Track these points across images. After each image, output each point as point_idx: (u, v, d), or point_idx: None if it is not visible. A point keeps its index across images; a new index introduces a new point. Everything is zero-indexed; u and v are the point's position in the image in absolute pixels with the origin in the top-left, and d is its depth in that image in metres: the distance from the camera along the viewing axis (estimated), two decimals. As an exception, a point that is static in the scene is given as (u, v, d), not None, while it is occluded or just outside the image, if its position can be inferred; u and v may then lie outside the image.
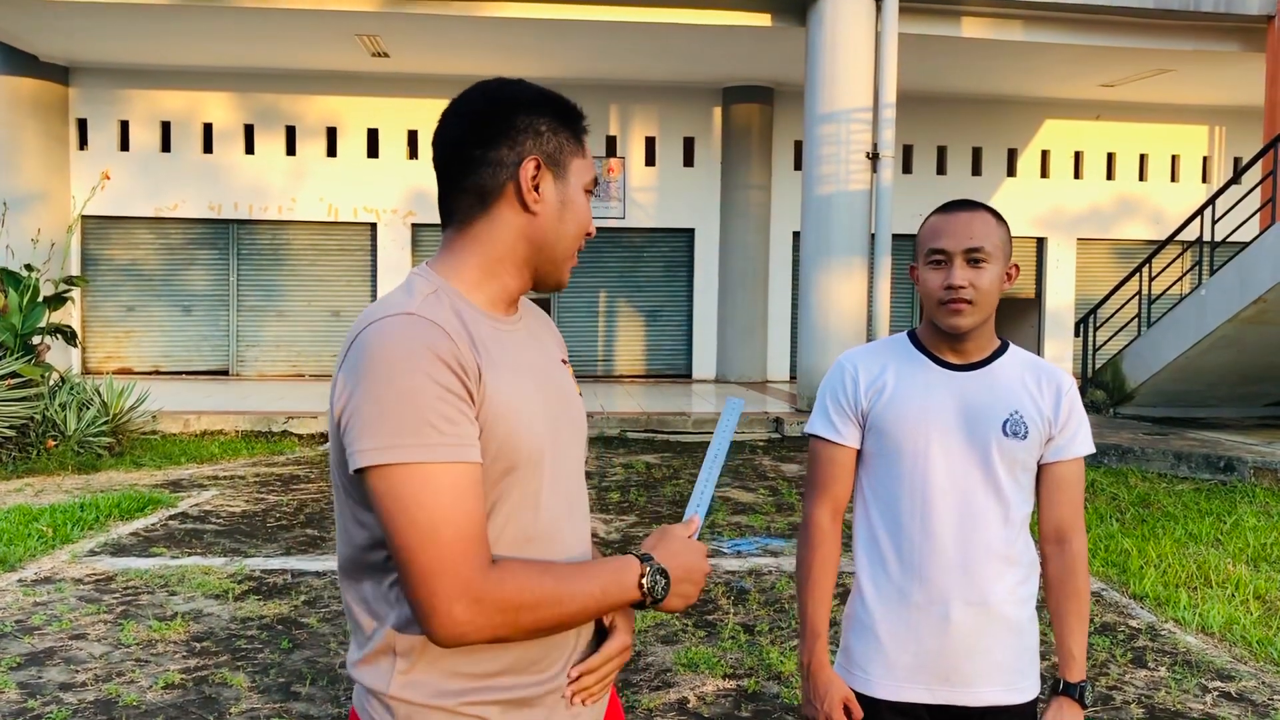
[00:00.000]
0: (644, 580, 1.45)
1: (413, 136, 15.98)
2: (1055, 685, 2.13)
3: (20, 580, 5.75)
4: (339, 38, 13.27)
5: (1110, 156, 17.25)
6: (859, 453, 2.18)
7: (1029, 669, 2.12)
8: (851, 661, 2.15)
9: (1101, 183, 17.24)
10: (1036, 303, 17.34)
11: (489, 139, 1.47)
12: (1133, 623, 5.28)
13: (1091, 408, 12.55)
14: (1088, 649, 4.83)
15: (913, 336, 2.20)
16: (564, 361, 1.65)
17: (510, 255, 1.50)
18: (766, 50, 13.59)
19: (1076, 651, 2.10)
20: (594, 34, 12.85)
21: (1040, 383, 2.11)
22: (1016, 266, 2.13)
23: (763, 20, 12.21)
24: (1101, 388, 12.52)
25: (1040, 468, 2.13)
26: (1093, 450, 2.17)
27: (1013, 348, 2.17)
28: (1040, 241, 17.23)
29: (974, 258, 2.04)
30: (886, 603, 2.10)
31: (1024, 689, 2.10)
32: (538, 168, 1.48)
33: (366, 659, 1.44)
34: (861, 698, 2.10)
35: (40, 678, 4.30)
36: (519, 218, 1.49)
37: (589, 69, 14.93)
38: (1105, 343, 13.25)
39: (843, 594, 2.27)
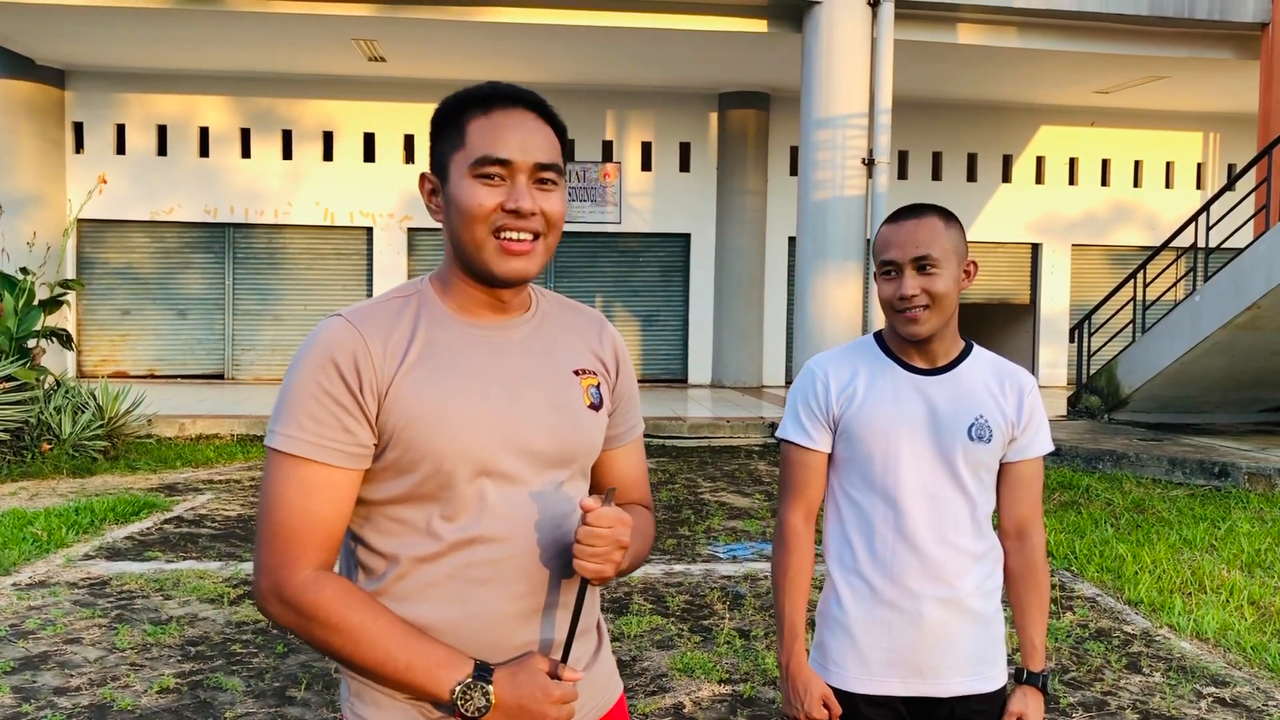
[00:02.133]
0: (457, 690, 1.39)
1: (409, 141, 15.99)
2: (1019, 674, 2.21)
3: (15, 584, 5.74)
4: (336, 42, 13.28)
5: (1105, 163, 17.30)
6: (830, 456, 2.23)
7: (997, 659, 2.21)
8: (826, 657, 2.21)
9: (1096, 189, 17.29)
10: (1031, 309, 17.37)
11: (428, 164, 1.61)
12: (1127, 628, 5.29)
13: (1086, 413, 12.58)
14: (1083, 650, 4.85)
15: (879, 339, 2.24)
16: (578, 372, 1.60)
17: (449, 259, 1.56)
18: (763, 56, 13.62)
19: (1038, 641, 2.21)
20: (590, 39, 12.87)
21: (1004, 385, 2.18)
22: (974, 264, 2.18)
23: (759, 26, 12.24)
24: (1096, 393, 12.54)
25: (1002, 466, 2.21)
26: (1052, 449, 2.25)
27: (976, 349, 2.23)
28: (1035, 247, 17.26)
29: (923, 265, 2.08)
30: (860, 600, 2.17)
31: (992, 678, 2.19)
32: (424, 183, 1.56)
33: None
34: (838, 693, 2.17)
35: (34, 682, 4.30)
36: (445, 230, 1.56)
37: (585, 74, 14.94)
38: (1100, 348, 13.28)
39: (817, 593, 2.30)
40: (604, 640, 1.69)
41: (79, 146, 15.54)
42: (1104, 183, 17.33)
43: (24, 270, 9.58)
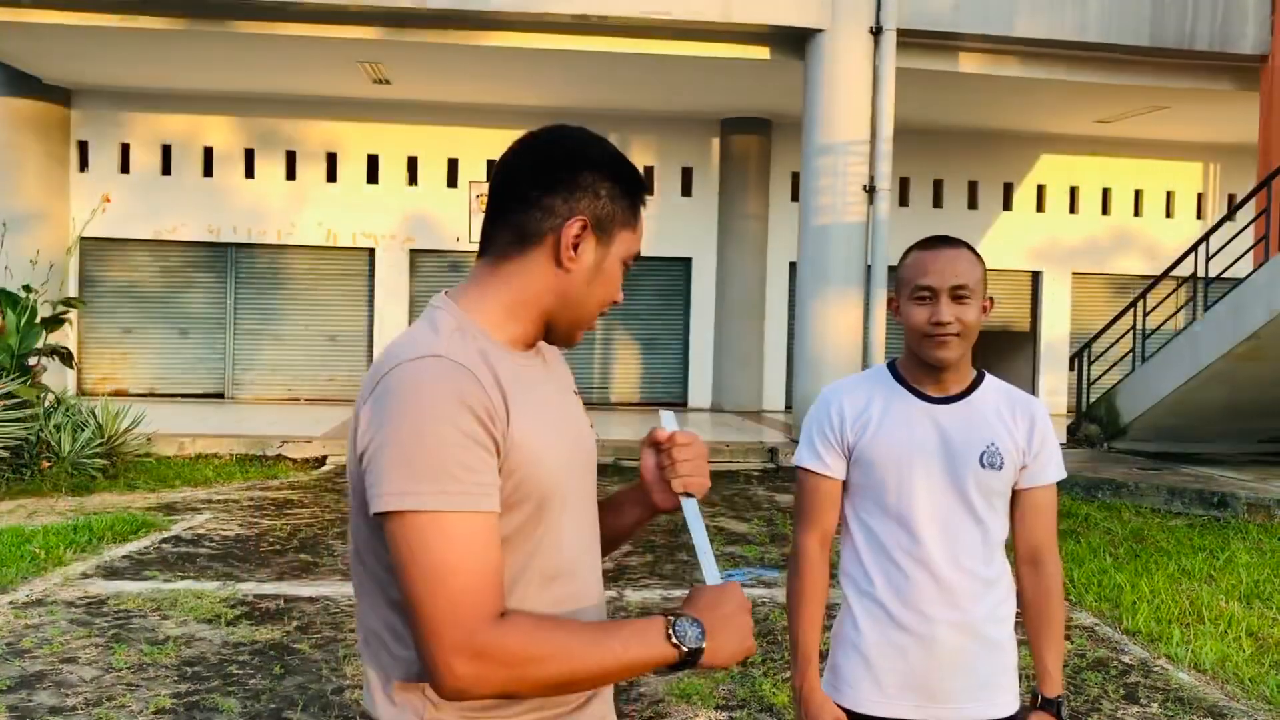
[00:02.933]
0: (672, 633, 1.38)
1: (412, 163, 16.06)
2: (1034, 700, 2.24)
3: (11, 602, 5.74)
4: (341, 64, 13.36)
5: (1106, 191, 17.36)
6: (845, 483, 2.27)
7: (1009, 685, 2.24)
8: (840, 679, 2.25)
9: (1097, 217, 17.34)
10: (1032, 336, 17.39)
11: (548, 184, 1.48)
12: (1125, 658, 5.28)
13: (1085, 442, 12.57)
14: (1081, 680, 4.83)
15: (893, 368, 2.29)
16: (575, 393, 1.65)
17: (535, 302, 1.50)
18: (765, 83, 13.69)
19: (1052, 667, 2.23)
20: (593, 65, 12.95)
21: (1015, 413, 2.23)
22: (991, 299, 2.24)
23: (761, 54, 12.31)
24: (1096, 422, 12.54)
25: (1015, 493, 2.24)
26: (1064, 476, 2.29)
27: (989, 378, 2.28)
28: (1036, 275, 17.30)
29: (959, 294, 2.14)
30: (875, 624, 2.20)
31: (1004, 704, 2.22)
32: (583, 228, 1.48)
33: (397, 692, 1.43)
34: (850, 714, 2.20)
35: (30, 701, 4.29)
36: (551, 269, 1.48)
37: (588, 99, 15.03)
38: (1100, 377, 13.29)
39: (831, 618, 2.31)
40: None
41: (84, 165, 15.61)
42: (1105, 211, 17.38)
43: (26, 288, 9.62)
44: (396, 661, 1.43)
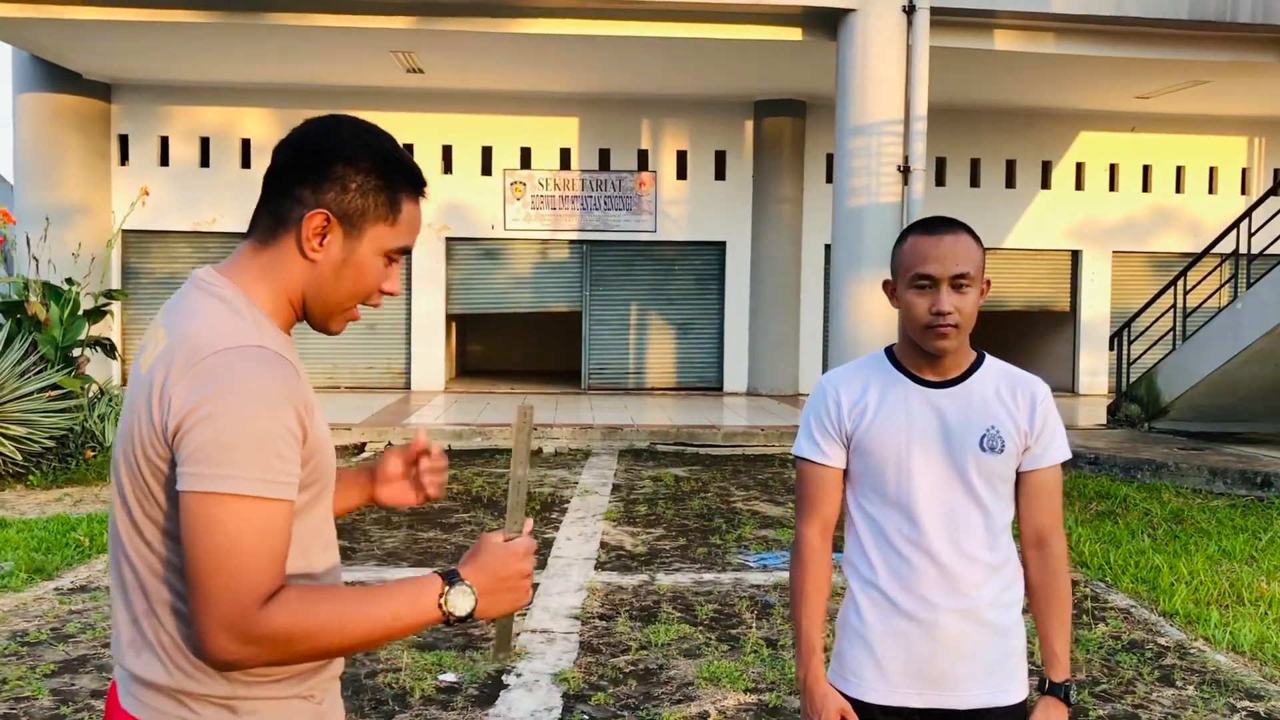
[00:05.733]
0: (443, 601, 1.46)
1: (447, 151, 16.12)
2: (1041, 685, 2.21)
3: (57, 589, 5.86)
4: (374, 54, 13.42)
5: (1146, 168, 17.09)
6: (845, 471, 2.25)
7: (1016, 671, 2.21)
8: (844, 667, 2.23)
9: (1137, 195, 17.09)
10: (1071, 316, 17.18)
11: (300, 174, 1.53)
12: (1161, 640, 5.24)
13: (1126, 422, 12.43)
14: (1115, 662, 4.80)
15: (890, 354, 2.26)
16: None
17: (293, 289, 1.56)
18: (798, 64, 13.60)
19: (1060, 651, 2.19)
20: (625, 49, 12.92)
21: (1015, 394, 2.19)
22: (989, 282, 2.20)
23: (794, 35, 12.23)
24: (1136, 402, 12.39)
25: (1019, 475, 2.21)
26: (1069, 456, 2.25)
27: (988, 359, 2.24)
28: (1075, 254, 17.09)
29: (959, 283, 2.11)
30: (878, 611, 2.18)
31: (1012, 691, 2.19)
32: (326, 221, 1.52)
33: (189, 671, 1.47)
34: (854, 702, 2.18)
35: (73, 685, 4.39)
36: (300, 258, 1.54)
37: (620, 83, 15.01)
38: (1140, 356, 13.13)
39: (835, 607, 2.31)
40: None
41: (124, 158, 15.81)
42: (1145, 188, 17.12)
43: (69, 281, 9.77)
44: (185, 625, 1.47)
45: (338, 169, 1.53)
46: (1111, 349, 13.64)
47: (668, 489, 9.15)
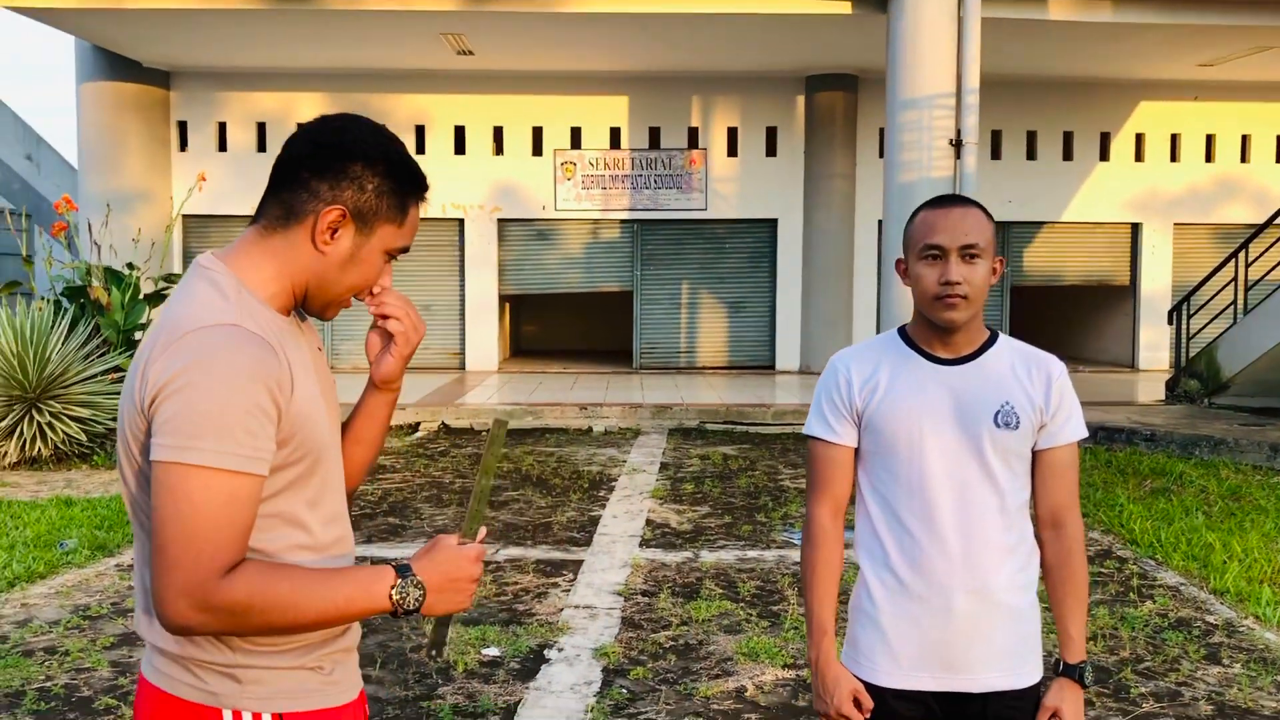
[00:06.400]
0: (393, 592, 1.53)
1: (498, 133, 16.21)
2: (1056, 666, 2.18)
3: (118, 565, 6.05)
4: (425, 37, 13.53)
5: (1209, 138, 16.68)
6: (857, 451, 2.24)
7: (1031, 654, 2.18)
8: (858, 652, 2.21)
9: (1200, 165, 16.69)
10: (1131, 290, 16.86)
11: (318, 169, 1.59)
12: (1209, 618, 5.17)
13: (1185, 397, 12.21)
14: (1160, 640, 4.75)
15: (903, 333, 2.25)
16: (319, 349, 1.76)
17: (297, 275, 1.62)
18: (849, 38, 13.47)
19: (1075, 633, 2.17)
20: (674, 26, 12.89)
21: (1031, 371, 2.17)
22: (1002, 260, 2.19)
23: (843, 8, 12.11)
24: (1195, 377, 12.16)
25: (1034, 454, 2.18)
26: (1085, 435, 2.22)
27: (1002, 338, 2.22)
28: (1135, 227, 16.74)
29: (969, 253, 2.10)
30: (890, 594, 2.16)
31: (1026, 673, 2.16)
32: (341, 216, 1.58)
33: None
34: (869, 687, 2.16)
35: (131, 657, 4.54)
36: (309, 248, 1.60)
37: (669, 61, 14.97)
38: (1200, 330, 12.86)
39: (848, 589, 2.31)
40: None
41: (183, 144, 16.11)
42: (1208, 159, 16.72)
43: (130, 266, 10.01)
44: None
45: (356, 168, 1.59)
46: (1170, 323, 13.38)
47: (715, 467, 9.18)
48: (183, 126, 16.10)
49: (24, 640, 4.77)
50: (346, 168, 1.58)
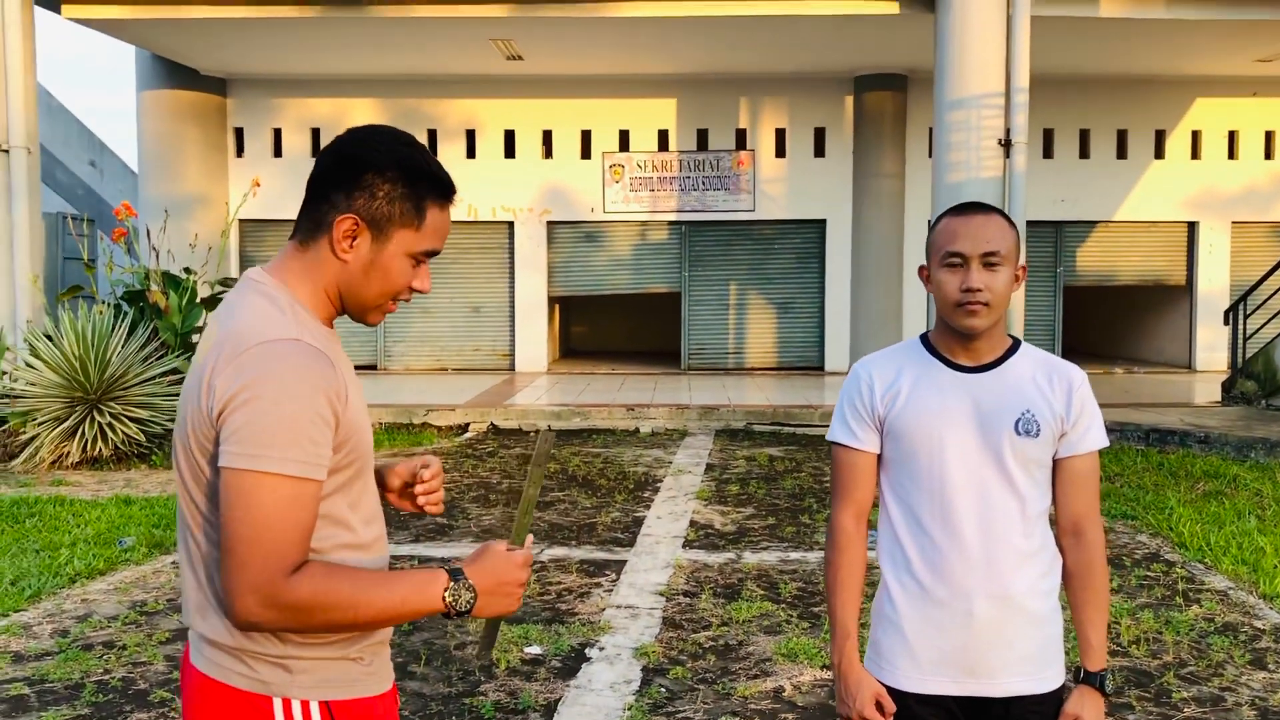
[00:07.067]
0: (446, 595, 1.62)
1: (547, 136, 16.34)
2: (1076, 674, 2.20)
3: (174, 562, 6.21)
4: (474, 42, 13.68)
5: (1269, 134, 16.37)
6: (880, 456, 2.26)
7: (1053, 660, 2.20)
8: (880, 656, 2.24)
9: (1259, 162, 16.38)
10: (1188, 290, 16.58)
11: (335, 181, 1.69)
12: (1258, 623, 5.11)
13: (1241, 399, 12.01)
14: (1205, 644, 4.71)
15: (925, 340, 2.28)
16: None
17: (331, 286, 1.72)
18: (898, 37, 13.41)
19: (1095, 641, 2.18)
20: (721, 29, 12.92)
21: (1052, 380, 2.18)
22: (1024, 268, 2.21)
23: (891, 8, 12.07)
24: (1252, 378, 11.96)
25: (1055, 463, 2.20)
26: (1105, 444, 2.23)
27: (1025, 346, 2.24)
28: (1191, 225, 16.47)
29: (990, 261, 2.12)
30: (911, 599, 2.19)
31: (1048, 679, 2.18)
32: (355, 225, 1.67)
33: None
34: (891, 690, 2.19)
35: (185, 652, 4.67)
36: (333, 258, 1.70)
37: (717, 63, 15.00)
38: (1258, 330, 12.64)
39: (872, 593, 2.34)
40: None
41: (239, 150, 16.44)
42: (1268, 155, 16.40)
43: (187, 270, 10.25)
44: None
45: (368, 177, 1.68)
46: (1226, 323, 13.16)
47: (761, 469, 9.20)
48: (239, 133, 16.42)
49: (84, 634, 4.93)
50: (359, 178, 1.67)
